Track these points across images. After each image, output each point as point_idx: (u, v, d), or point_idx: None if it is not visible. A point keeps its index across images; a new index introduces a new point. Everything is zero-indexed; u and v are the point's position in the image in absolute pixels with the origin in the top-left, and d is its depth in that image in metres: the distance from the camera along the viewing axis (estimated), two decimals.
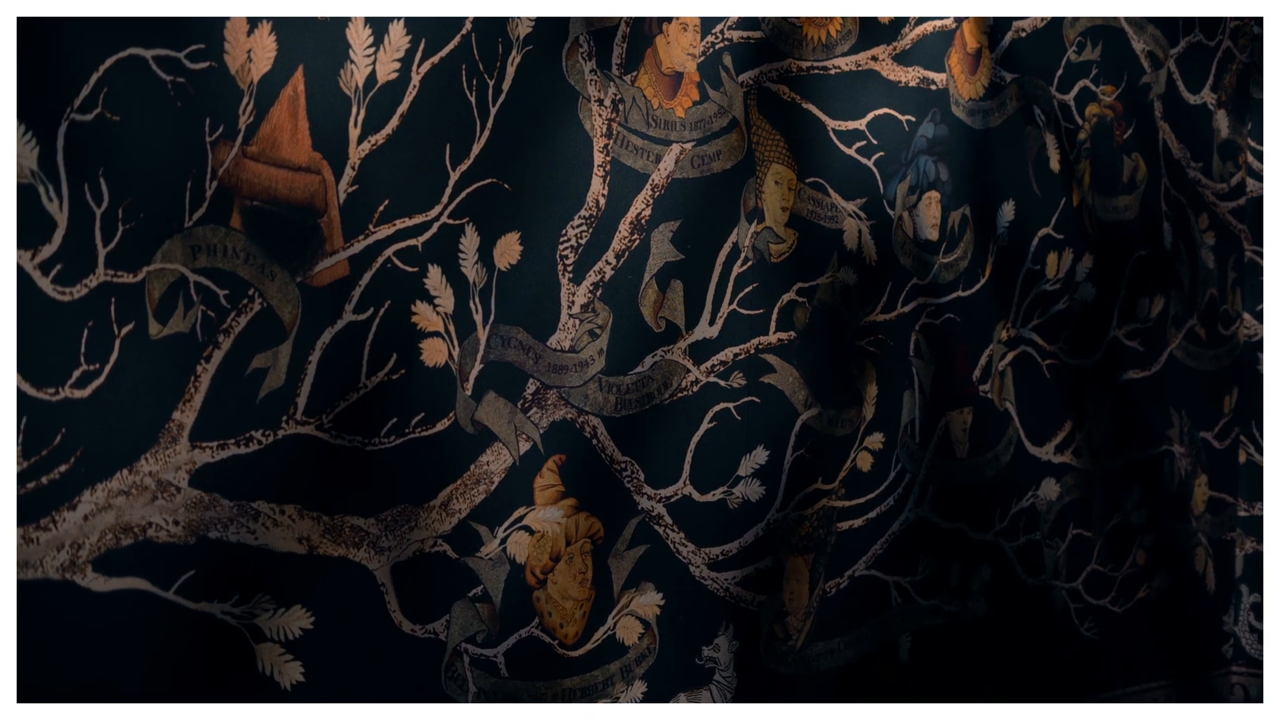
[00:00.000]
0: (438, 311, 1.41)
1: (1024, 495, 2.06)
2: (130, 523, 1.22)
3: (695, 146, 1.63)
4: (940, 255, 1.92)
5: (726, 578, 1.68)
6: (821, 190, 1.77)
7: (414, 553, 1.40)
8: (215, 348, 1.26)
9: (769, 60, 1.71)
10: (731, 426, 1.67)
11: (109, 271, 1.20)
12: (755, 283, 1.69)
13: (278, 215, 1.30)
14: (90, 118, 1.18)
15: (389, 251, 1.37)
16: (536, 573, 1.50)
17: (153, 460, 1.23)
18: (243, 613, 1.28)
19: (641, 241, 1.58)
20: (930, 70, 1.89)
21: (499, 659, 1.47)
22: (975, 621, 1.99)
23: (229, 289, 1.27)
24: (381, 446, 1.37)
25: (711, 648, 1.66)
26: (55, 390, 1.17)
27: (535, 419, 1.50)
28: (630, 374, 1.58)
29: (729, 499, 1.67)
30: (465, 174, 1.43)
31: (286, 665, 1.31)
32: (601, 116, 1.54)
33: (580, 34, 1.52)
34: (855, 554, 1.83)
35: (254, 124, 1.28)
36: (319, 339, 1.32)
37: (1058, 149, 2.10)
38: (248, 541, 1.28)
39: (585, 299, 1.53)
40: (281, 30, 1.29)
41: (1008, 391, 2.03)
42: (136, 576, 1.22)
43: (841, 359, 1.80)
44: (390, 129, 1.37)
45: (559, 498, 1.52)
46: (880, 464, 1.86)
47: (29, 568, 1.16)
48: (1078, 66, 2.13)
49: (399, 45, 1.37)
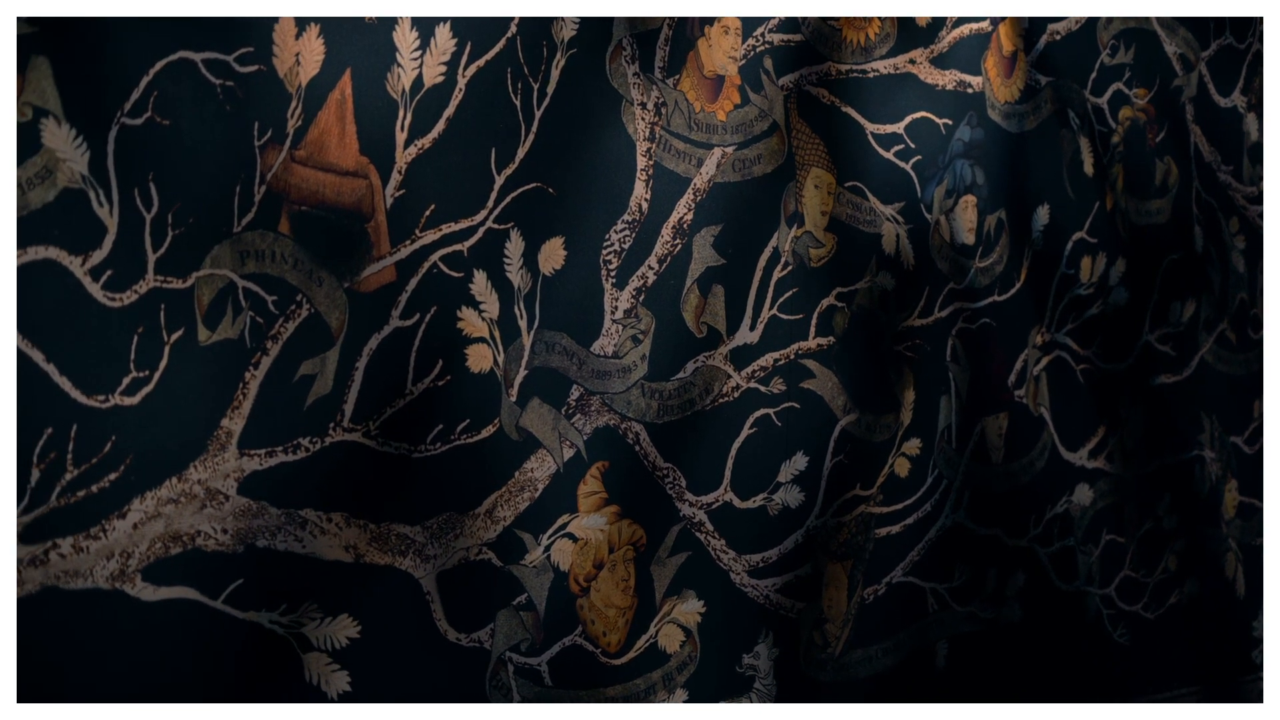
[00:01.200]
0: (483, 317, 1.39)
1: (1058, 501, 2.05)
2: (179, 531, 1.21)
3: (736, 150, 1.61)
4: (976, 259, 1.91)
5: (766, 585, 1.66)
6: (860, 194, 1.75)
7: (459, 561, 1.39)
8: (263, 354, 1.25)
9: (809, 63, 1.69)
10: (771, 432, 1.66)
11: (158, 277, 1.19)
12: (795, 287, 1.68)
13: (325, 220, 1.28)
14: (140, 122, 1.17)
15: (435, 256, 1.36)
16: (580, 580, 1.49)
17: (201, 468, 1.22)
18: (290, 622, 1.27)
19: (683, 246, 1.57)
20: (966, 73, 1.88)
21: (543, 667, 1.46)
22: (1010, 628, 1.98)
23: (277, 295, 1.25)
24: (427, 454, 1.36)
25: (752, 655, 1.65)
26: (105, 398, 1.16)
27: (579, 425, 1.48)
28: (672, 380, 1.56)
29: (769, 505, 1.66)
30: (510, 178, 1.41)
31: (333, 675, 1.30)
32: (644, 120, 1.53)
33: (623, 37, 1.50)
34: (893, 560, 1.82)
35: (302, 128, 1.27)
36: (366, 345, 1.31)
37: (1091, 152, 2.08)
38: (295, 550, 1.27)
39: (628, 304, 1.52)
40: (329, 33, 1.28)
41: (1042, 397, 2.02)
42: (185, 585, 1.21)
43: (879, 364, 1.79)
44: (436, 133, 1.36)
45: (602, 505, 1.50)
46: (917, 470, 1.84)
47: (79, 577, 1.15)
48: (1111, 69, 2.12)
49: (445, 49, 1.35)
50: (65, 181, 1.13)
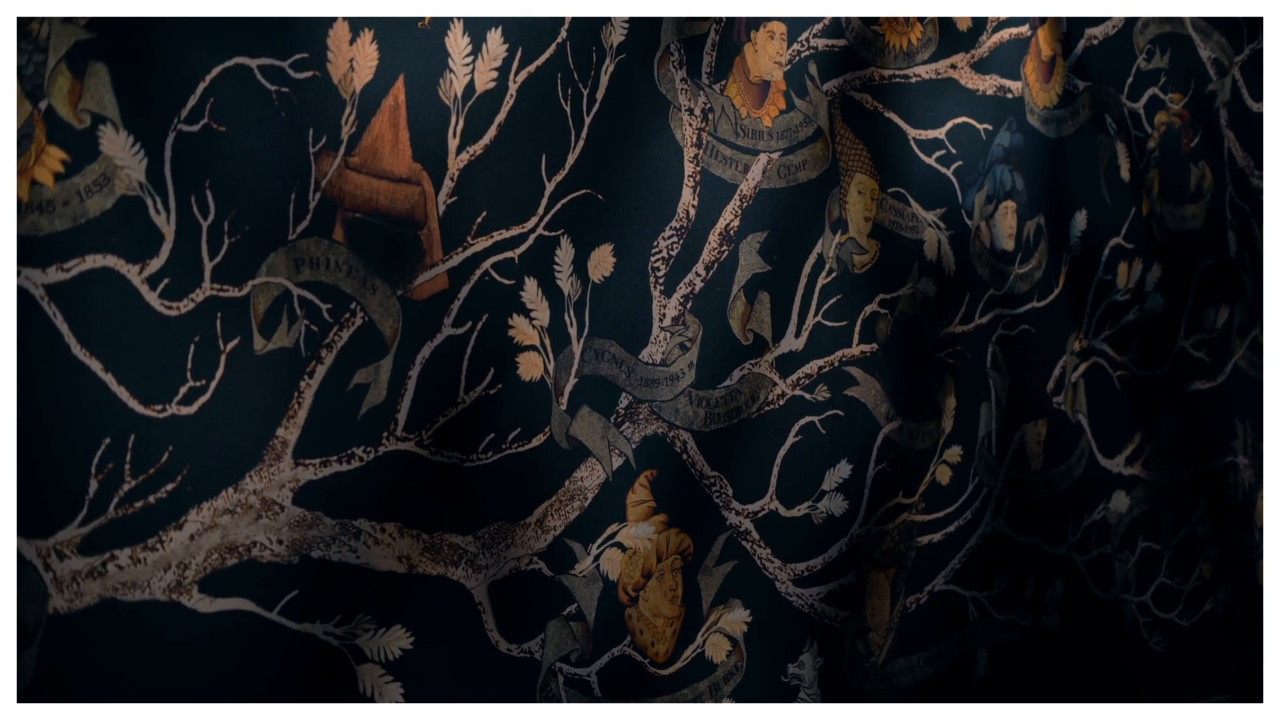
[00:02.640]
0: (534, 325, 1.38)
1: (1095, 508, 2.04)
2: (235, 542, 1.19)
3: (782, 156, 1.60)
4: (1016, 265, 1.90)
5: (811, 594, 1.65)
6: (903, 200, 1.74)
7: (510, 570, 1.37)
8: (318, 363, 1.24)
9: (852, 68, 1.68)
10: (815, 440, 1.65)
11: (215, 285, 1.17)
12: (839, 294, 1.66)
13: (379, 227, 1.27)
14: (197, 128, 1.16)
15: (487, 264, 1.35)
16: (629, 590, 1.47)
17: (257, 478, 1.20)
18: (344, 633, 1.26)
19: (730, 253, 1.55)
20: (1006, 78, 1.87)
21: (592, 678, 1.44)
22: (1049, 636, 1.97)
23: (332, 303, 1.24)
24: (479, 463, 1.35)
25: (797, 665, 1.64)
26: (162, 407, 1.14)
27: (628, 434, 1.47)
28: (719, 388, 1.55)
29: (813, 514, 1.65)
30: (560, 184, 1.40)
31: (387, 686, 1.28)
32: (692, 126, 1.52)
33: (671, 42, 1.49)
34: (934, 569, 1.81)
35: (356, 134, 1.26)
36: (419, 354, 1.30)
37: (1128, 158, 2.07)
38: (349, 560, 1.26)
39: (676, 311, 1.51)
40: (383, 38, 1.27)
41: (1080, 403, 2.01)
42: (241, 597, 1.19)
43: (921, 371, 1.77)
44: (488, 139, 1.34)
45: (650, 514, 1.49)
46: (958, 477, 1.83)
47: (136, 589, 1.14)
48: (1147, 74, 2.11)
49: (496, 54, 1.34)
50: (123, 189, 1.12)
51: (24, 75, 1.07)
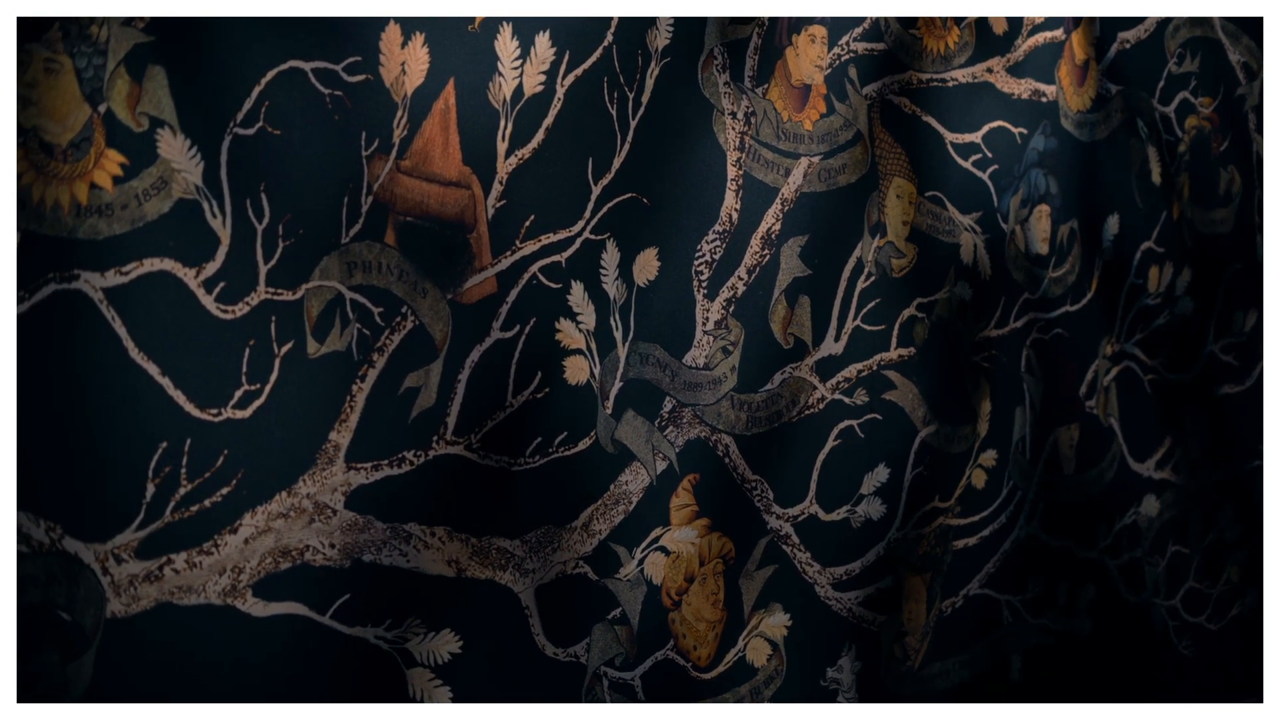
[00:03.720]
0: (580, 329, 1.38)
1: (1126, 512, 2.04)
2: (289, 546, 1.19)
3: (822, 160, 1.60)
4: (1050, 269, 1.90)
5: (849, 597, 1.65)
6: (939, 204, 1.74)
7: (556, 574, 1.37)
8: (370, 366, 1.23)
9: (891, 72, 1.68)
10: (854, 444, 1.65)
11: (269, 289, 1.17)
12: (878, 298, 1.66)
13: (429, 231, 1.27)
14: (252, 132, 1.16)
15: (534, 268, 1.34)
16: (672, 594, 1.47)
17: (310, 482, 1.20)
18: (395, 637, 1.26)
19: (771, 256, 1.55)
20: (1041, 82, 1.87)
21: (636, 682, 1.44)
22: (1080, 640, 1.97)
23: (383, 306, 1.24)
24: (526, 466, 1.34)
25: (835, 669, 1.64)
26: (218, 411, 1.14)
27: (671, 438, 1.47)
28: (760, 391, 1.55)
29: (852, 518, 1.64)
30: (606, 188, 1.40)
31: (436, 690, 1.28)
32: (735, 129, 1.51)
33: (715, 45, 1.49)
34: (969, 573, 1.81)
35: (407, 138, 1.25)
36: (468, 357, 1.30)
37: (1159, 161, 2.07)
38: (400, 564, 1.26)
39: (719, 315, 1.51)
40: (434, 41, 1.26)
41: (1112, 407, 2.01)
42: (294, 601, 1.19)
43: (957, 375, 1.77)
44: (536, 143, 1.34)
45: (693, 517, 1.49)
46: (993, 481, 1.83)
47: (192, 593, 1.14)
48: (1178, 78, 2.11)
49: (544, 57, 1.34)
50: (180, 192, 1.12)
51: (83, 78, 1.07)
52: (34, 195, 1.04)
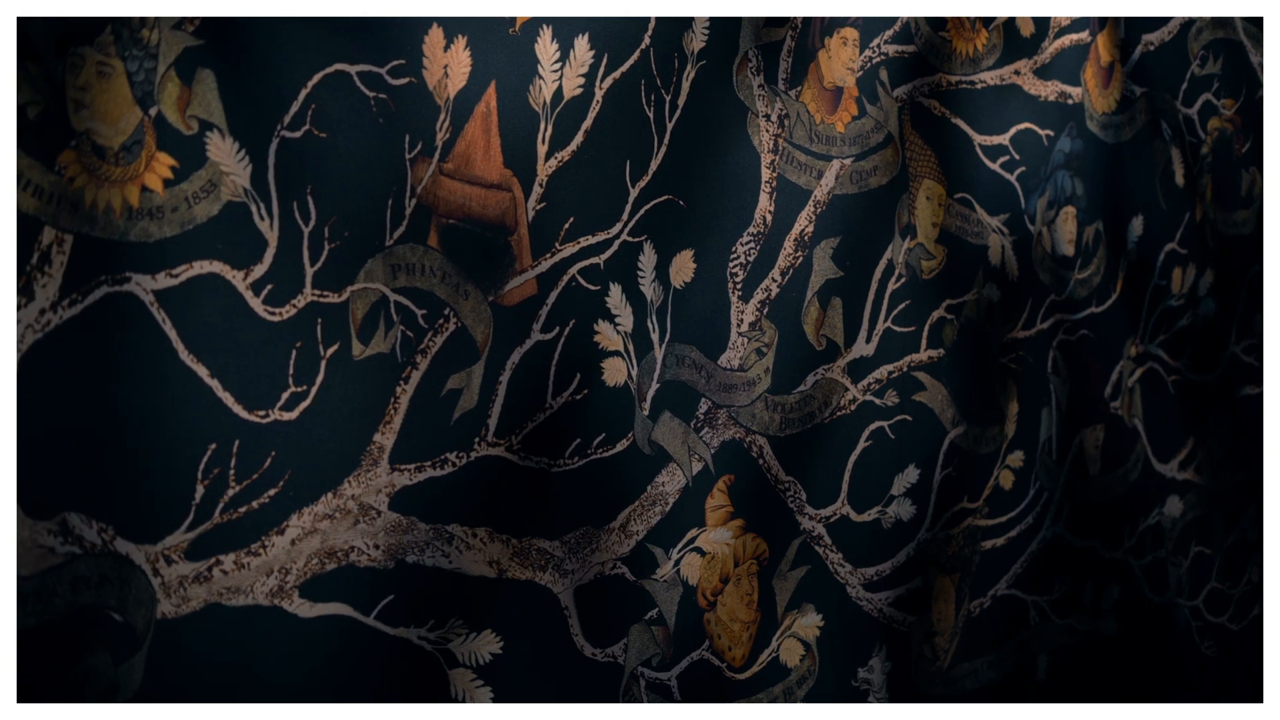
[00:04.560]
0: (618, 330, 1.38)
1: (1150, 513, 2.04)
2: (334, 547, 1.20)
3: (854, 162, 1.60)
4: (1076, 271, 1.90)
5: (880, 598, 1.65)
6: (968, 206, 1.75)
7: (595, 575, 1.38)
8: (414, 368, 1.24)
9: (921, 75, 1.69)
10: (885, 445, 1.65)
11: (315, 291, 1.18)
12: (908, 300, 1.67)
13: (471, 233, 1.27)
14: (299, 135, 1.16)
15: (573, 270, 1.35)
16: (707, 595, 1.48)
17: (355, 483, 1.21)
18: (437, 638, 1.26)
19: (804, 258, 1.56)
20: (1067, 84, 1.87)
21: (672, 682, 1.45)
22: (1105, 641, 1.97)
23: (426, 309, 1.25)
24: (565, 468, 1.35)
25: (866, 669, 1.64)
26: (265, 413, 1.15)
27: (706, 439, 1.48)
28: (794, 393, 1.56)
29: (882, 518, 1.65)
30: (644, 190, 1.41)
31: (477, 690, 1.29)
32: (769, 132, 1.52)
33: (749, 48, 1.50)
34: (997, 573, 1.81)
35: (450, 140, 1.26)
36: (509, 359, 1.30)
37: (1182, 163, 2.08)
38: (442, 565, 1.26)
39: (753, 317, 1.51)
40: (475, 45, 1.27)
41: (1136, 408, 2.01)
42: (340, 602, 1.20)
43: (985, 376, 1.78)
44: (575, 145, 1.35)
45: (728, 518, 1.50)
46: (1020, 482, 1.84)
47: (240, 593, 1.14)
48: (1201, 80, 2.11)
49: (583, 60, 1.34)
50: (229, 195, 1.12)
51: (134, 82, 1.08)
52: (86, 198, 1.05)
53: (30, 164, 1.02)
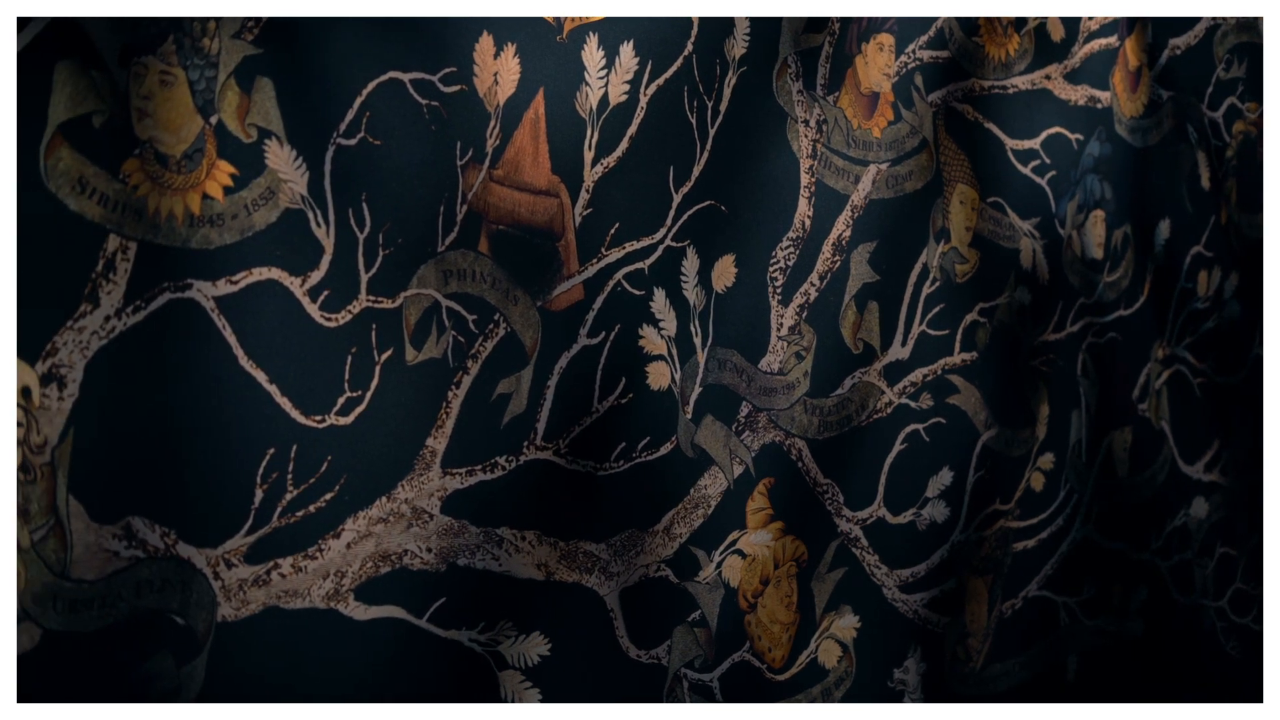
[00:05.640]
0: (662, 335, 1.40)
1: (1177, 514, 2.06)
2: (388, 550, 1.21)
3: (890, 166, 1.62)
4: (1105, 274, 1.91)
5: (915, 599, 1.67)
6: (1000, 210, 1.76)
7: (639, 578, 1.39)
8: (465, 373, 1.25)
9: (955, 80, 1.70)
10: (920, 448, 1.66)
11: (370, 297, 1.19)
12: (942, 303, 1.68)
13: (520, 239, 1.29)
14: (354, 142, 1.17)
15: (619, 275, 1.36)
16: (748, 596, 1.49)
17: (409, 487, 1.22)
18: (487, 640, 1.27)
19: (841, 262, 1.57)
20: (1096, 89, 1.88)
21: (714, 684, 1.46)
22: (1133, 641, 1.98)
23: (477, 314, 1.26)
24: (611, 471, 1.36)
25: (901, 670, 1.66)
26: (322, 418, 1.16)
27: (747, 442, 1.49)
28: (832, 396, 1.57)
29: (918, 520, 1.66)
30: (686, 196, 1.42)
31: (526, 692, 1.30)
32: (807, 137, 1.53)
33: (789, 54, 1.51)
34: (1028, 574, 1.83)
35: (500, 147, 1.27)
36: (556, 364, 1.31)
37: (1208, 166, 2.09)
38: (492, 568, 1.28)
39: (792, 321, 1.52)
40: (524, 52, 1.28)
41: (1163, 410, 2.03)
42: (393, 604, 1.21)
43: (1017, 379, 1.79)
44: (620, 151, 1.36)
45: (768, 521, 1.51)
46: (1051, 484, 1.85)
47: (297, 596, 1.15)
48: (1226, 84, 2.12)
49: (628, 67, 1.36)
50: (286, 202, 1.13)
51: (195, 90, 1.09)
52: (150, 206, 1.06)
53: (96, 172, 1.03)
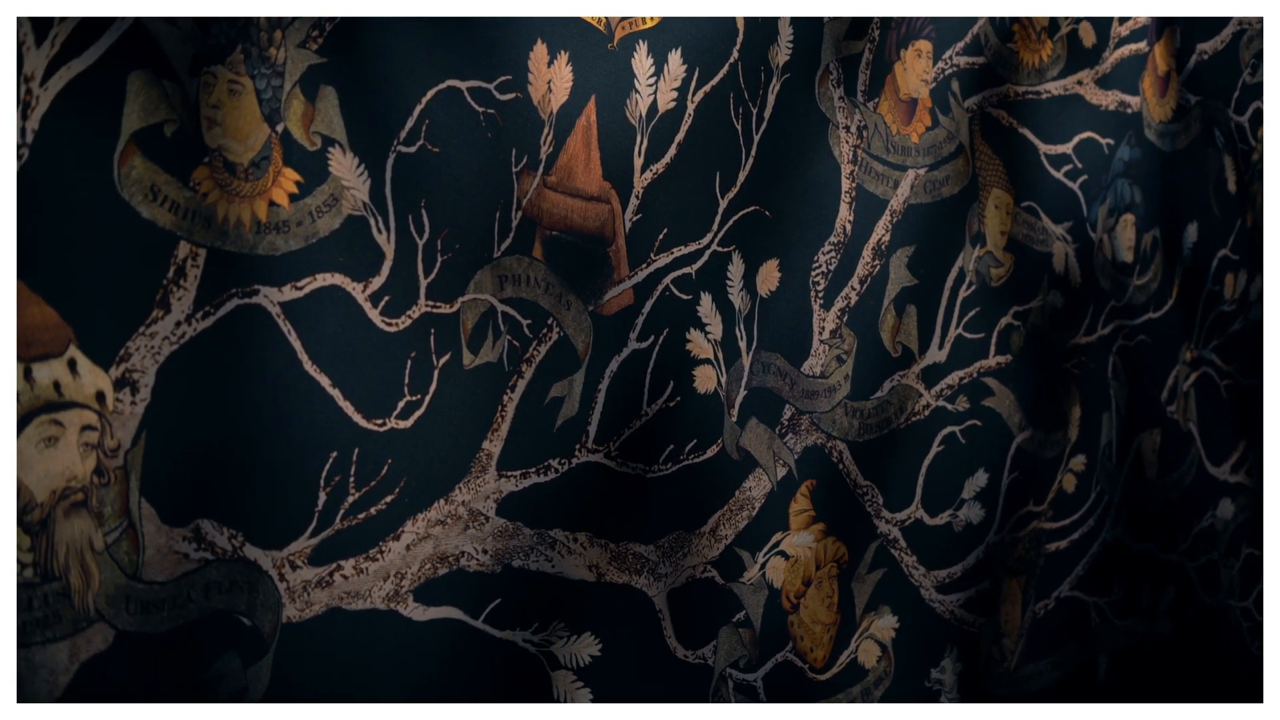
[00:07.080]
0: (708, 339, 1.41)
1: (1204, 515, 2.07)
2: (446, 552, 1.22)
3: (928, 171, 1.63)
4: (1135, 277, 1.93)
5: (951, 600, 1.68)
6: (1034, 214, 1.78)
7: (686, 579, 1.41)
8: (519, 377, 1.27)
9: (990, 85, 1.72)
10: (956, 450, 1.68)
11: (429, 302, 1.20)
12: (977, 306, 1.70)
13: (573, 245, 1.30)
14: (414, 149, 1.19)
15: (667, 279, 1.38)
16: (790, 597, 1.51)
17: (465, 490, 1.24)
18: (541, 640, 1.29)
19: (881, 267, 1.59)
20: (1126, 94, 1.90)
21: (758, 683, 1.48)
22: (1161, 642, 2.00)
23: (531, 318, 1.27)
24: (659, 474, 1.38)
25: (939, 670, 1.67)
26: (382, 421, 1.18)
27: (790, 445, 1.50)
28: (871, 399, 1.58)
29: (954, 522, 1.68)
30: (732, 201, 1.43)
31: (578, 692, 1.32)
32: (848, 143, 1.55)
33: (830, 61, 1.52)
34: (1060, 575, 1.84)
35: (553, 154, 1.29)
36: (607, 367, 1.33)
37: (1234, 170, 2.11)
38: (545, 570, 1.29)
39: (834, 324, 1.54)
40: (576, 60, 1.30)
41: (1191, 412, 2.04)
42: (451, 605, 1.23)
43: (1050, 382, 1.81)
44: (669, 157, 1.37)
45: (810, 522, 1.53)
46: (1082, 485, 1.87)
47: (359, 598, 1.17)
48: (1252, 88, 2.14)
49: (676, 74, 1.37)
50: (349, 209, 1.15)
51: (262, 99, 1.10)
52: (219, 213, 1.08)
53: (167, 180, 1.05)
